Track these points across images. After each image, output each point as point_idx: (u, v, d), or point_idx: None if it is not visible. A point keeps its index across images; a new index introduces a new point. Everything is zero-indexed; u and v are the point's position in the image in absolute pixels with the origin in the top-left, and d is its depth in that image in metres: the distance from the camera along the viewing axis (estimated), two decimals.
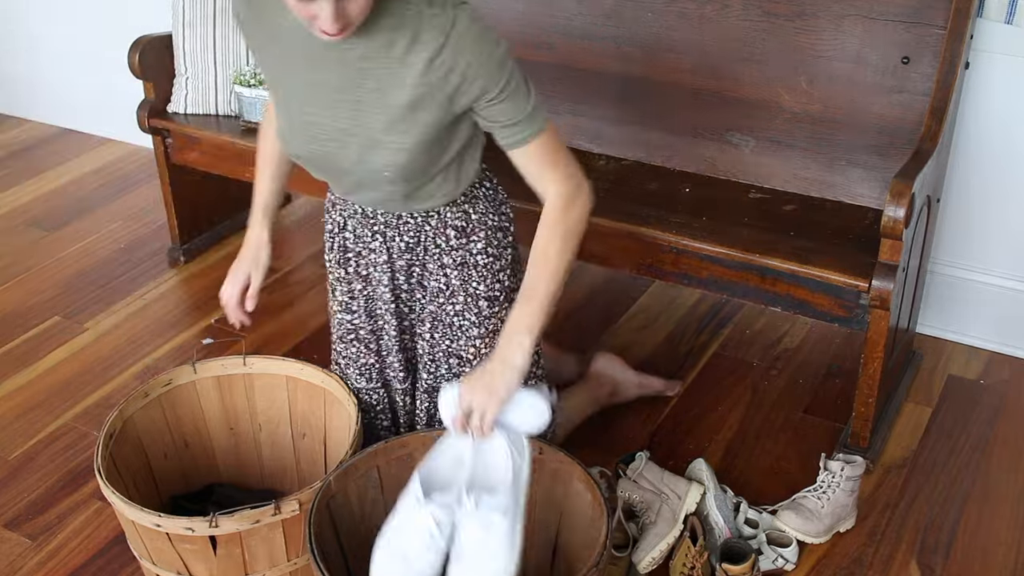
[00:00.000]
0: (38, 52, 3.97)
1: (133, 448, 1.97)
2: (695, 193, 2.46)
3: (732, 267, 2.21)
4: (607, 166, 2.60)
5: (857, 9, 2.31)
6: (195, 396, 2.07)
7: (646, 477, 2.09)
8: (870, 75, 2.33)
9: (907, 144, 2.31)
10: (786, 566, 2.01)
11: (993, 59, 2.37)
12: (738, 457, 2.31)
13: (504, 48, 1.58)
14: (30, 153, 3.85)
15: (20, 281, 3.02)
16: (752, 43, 2.44)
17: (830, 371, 2.58)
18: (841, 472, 2.05)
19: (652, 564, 1.98)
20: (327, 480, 1.75)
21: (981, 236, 2.56)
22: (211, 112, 2.89)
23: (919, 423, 2.40)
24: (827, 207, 2.40)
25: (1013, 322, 2.59)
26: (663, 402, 2.47)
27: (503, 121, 1.64)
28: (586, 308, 2.82)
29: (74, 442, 2.37)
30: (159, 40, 2.86)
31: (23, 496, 2.22)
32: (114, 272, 3.06)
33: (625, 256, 2.33)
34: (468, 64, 1.56)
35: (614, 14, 2.57)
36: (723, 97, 2.50)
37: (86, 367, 2.63)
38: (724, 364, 2.61)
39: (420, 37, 1.55)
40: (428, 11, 1.55)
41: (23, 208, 3.45)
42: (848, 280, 2.10)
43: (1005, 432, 2.37)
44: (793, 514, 2.04)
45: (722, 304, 2.84)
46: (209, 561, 1.74)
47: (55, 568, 2.04)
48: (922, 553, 2.05)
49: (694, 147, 2.55)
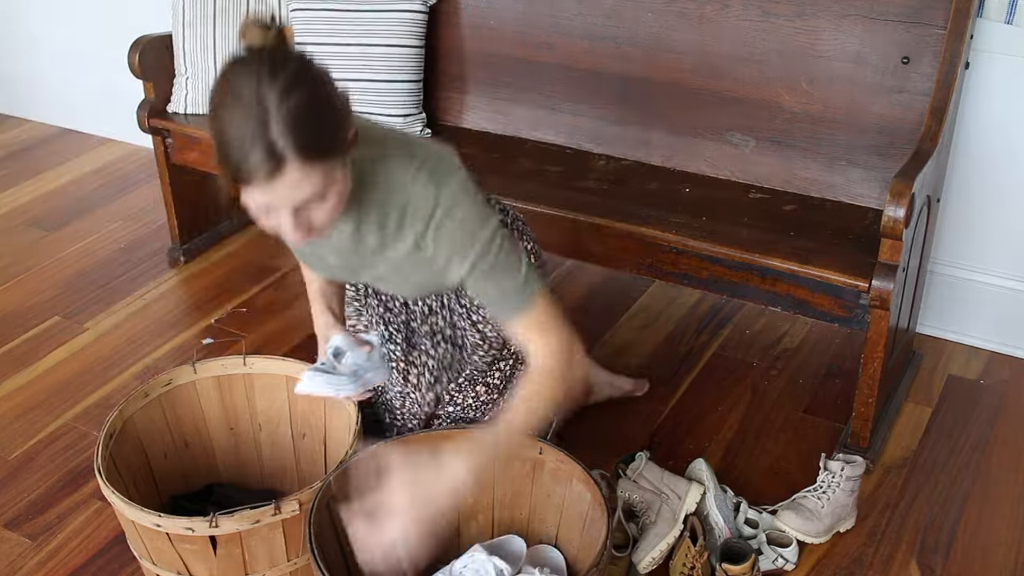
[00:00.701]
0: (38, 52, 3.97)
1: (133, 448, 1.97)
2: (695, 193, 2.46)
3: (732, 267, 2.21)
4: (607, 166, 2.60)
5: (857, 9, 2.31)
6: (195, 396, 2.07)
7: (646, 477, 2.09)
8: (870, 75, 2.33)
9: (907, 144, 2.31)
10: (786, 566, 2.01)
11: (993, 59, 2.37)
12: (738, 457, 2.31)
13: (490, 229, 1.56)
14: (30, 153, 3.85)
15: (20, 281, 3.02)
16: (752, 43, 2.44)
17: (830, 371, 2.58)
18: (841, 472, 2.05)
19: (652, 564, 1.98)
20: (327, 480, 1.75)
21: (981, 236, 2.56)
22: None
23: (919, 423, 2.40)
24: (827, 207, 2.40)
25: (1013, 322, 2.59)
26: (663, 402, 2.47)
27: (489, 295, 1.60)
28: (586, 308, 2.82)
29: (74, 442, 2.37)
30: (159, 40, 2.86)
31: (23, 496, 2.22)
32: (114, 272, 3.06)
33: (625, 256, 2.33)
34: (449, 254, 1.57)
35: (614, 14, 2.57)
36: (723, 97, 2.50)
37: (86, 367, 2.63)
38: (724, 364, 2.61)
39: (407, 212, 1.56)
40: (414, 179, 1.54)
41: (23, 208, 3.45)
42: (848, 280, 2.10)
43: (1005, 432, 2.37)
44: (793, 514, 2.04)
45: (722, 304, 2.84)
46: (209, 561, 1.74)
47: (55, 568, 2.04)
48: (922, 553, 2.05)
49: (694, 147, 2.55)
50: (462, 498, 1.53)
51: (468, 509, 1.93)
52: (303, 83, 1.34)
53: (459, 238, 1.55)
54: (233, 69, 1.35)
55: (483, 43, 2.76)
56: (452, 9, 2.76)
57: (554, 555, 1.87)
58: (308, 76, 1.36)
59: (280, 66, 1.33)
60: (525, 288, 1.59)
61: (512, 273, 1.58)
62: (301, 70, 1.35)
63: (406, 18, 2.69)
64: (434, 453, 1.51)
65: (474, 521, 1.94)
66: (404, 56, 2.70)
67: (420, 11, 2.70)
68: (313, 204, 1.41)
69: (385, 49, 2.69)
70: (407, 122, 2.73)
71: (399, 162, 1.55)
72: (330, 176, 1.39)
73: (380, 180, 1.55)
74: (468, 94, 2.81)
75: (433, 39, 2.79)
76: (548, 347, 1.59)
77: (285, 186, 1.35)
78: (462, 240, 1.56)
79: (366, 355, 1.83)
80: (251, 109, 1.31)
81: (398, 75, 2.71)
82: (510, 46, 2.72)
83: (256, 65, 1.33)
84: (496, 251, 1.57)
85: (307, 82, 1.35)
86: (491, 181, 2.48)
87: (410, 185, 1.54)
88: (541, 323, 1.59)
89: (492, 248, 1.57)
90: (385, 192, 1.56)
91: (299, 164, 1.33)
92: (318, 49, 2.73)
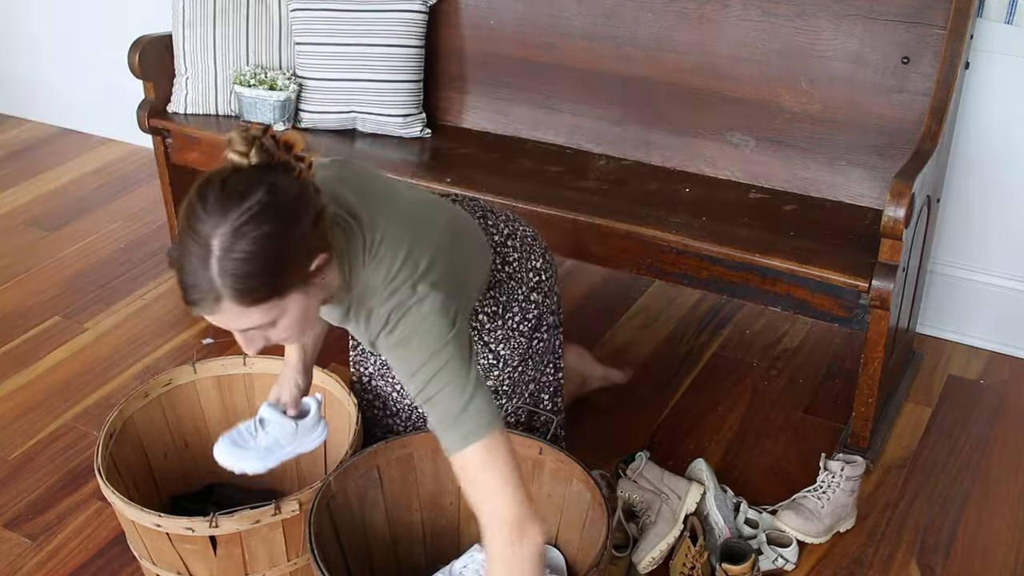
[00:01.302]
0: (38, 52, 3.97)
1: (133, 448, 1.97)
2: (695, 193, 2.46)
3: (732, 267, 2.21)
4: (607, 166, 2.60)
5: (857, 9, 2.31)
6: (195, 396, 2.07)
7: (646, 477, 2.09)
8: (870, 75, 2.33)
9: (907, 144, 2.31)
10: (786, 566, 2.01)
11: (993, 59, 2.37)
12: (738, 457, 2.31)
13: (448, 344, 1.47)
14: (30, 153, 3.85)
15: (20, 281, 3.02)
16: (752, 43, 2.44)
17: (830, 371, 2.58)
18: (841, 472, 2.05)
19: (652, 564, 1.98)
20: (327, 480, 1.75)
21: (981, 236, 2.56)
22: (211, 112, 2.89)
23: (919, 423, 2.40)
24: (827, 207, 2.40)
25: (1013, 322, 2.59)
26: (663, 402, 2.47)
27: (433, 419, 1.48)
28: (586, 308, 2.82)
29: (74, 442, 2.37)
30: (159, 40, 2.85)
31: (23, 496, 2.22)
32: (114, 272, 3.06)
33: (625, 256, 2.33)
34: (401, 357, 1.51)
35: (614, 14, 2.57)
36: (723, 97, 2.50)
37: (86, 367, 2.63)
38: (724, 364, 2.61)
39: (372, 317, 1.54)
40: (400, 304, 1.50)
41: (23, 208, 3.45)
42: (848, 280, 2.10)
43: (1005, 432, 2.37)
44: (793, 514, 2.04)
45: (722, 304, 2.84)
46: (209, 561, 1.74)
47: (55, 568, 2.04)
48: (922, 553, 2.05)
49: (694, 147, 2.55)
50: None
51: (468, 509, 1.93)
52: (253, 227, 1.32)
53: (411, 364, 1.49)
54: (199, 193, 1.36)
55: (483, 43, 2.76)
56: (452, 9, 2.76)
57: (554, 555, 1.88)
58: (264, 218, 1.33)
59: (235, 204, 1.33)
60: (473, 418, 1.44)
61: (456, 396, 1.45)
62: (257, 212, 1.33)
63: (406, 18, 2.69)
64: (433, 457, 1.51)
65: (474, 521, 1.93)
66: (404, 56, 2.70)
67: (420, 11, 2.70)
68: (262, 331, 1.43)
69: (385, 49, 2.69)
70: (407, 122, 2.73)
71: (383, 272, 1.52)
72: (277, 309, 1.39)
73: (356, 296, 1.54)
74: (468, 94, 2.81)
75: (433, 39, 2.79)
76: (498, 504, 1.44)
77: (227, 317, 1.38)
78: (419, 349, 1.49)
79: (292, 429, 1.82)
80: (198, 246, 1.33)
81: (398, 75, 2.71)
82: (510, 46, 2.72)
83: (215, 198, 1.33)
84: (445, 367, 1.47)
85: (260, 225, 1.33)
86: (491, 181, 2.48)
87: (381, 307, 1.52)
88: (489, 470, 1.43)
89: (438, 381, 1.47)
90: (371, 299, 1.54)
91: (234, 304, 1.35)
92: (318, 49, 2.73)
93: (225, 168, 1.38)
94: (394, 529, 1.89)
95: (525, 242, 1.92)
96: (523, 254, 1.90)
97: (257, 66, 2.82)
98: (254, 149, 1.36)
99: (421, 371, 1.47)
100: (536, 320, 1.94)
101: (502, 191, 2.42)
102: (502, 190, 2.42)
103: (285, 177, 1.37)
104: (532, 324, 1.92)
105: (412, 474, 1.87)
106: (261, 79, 2.75)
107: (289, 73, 2.79)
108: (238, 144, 1.37)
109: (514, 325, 1.90)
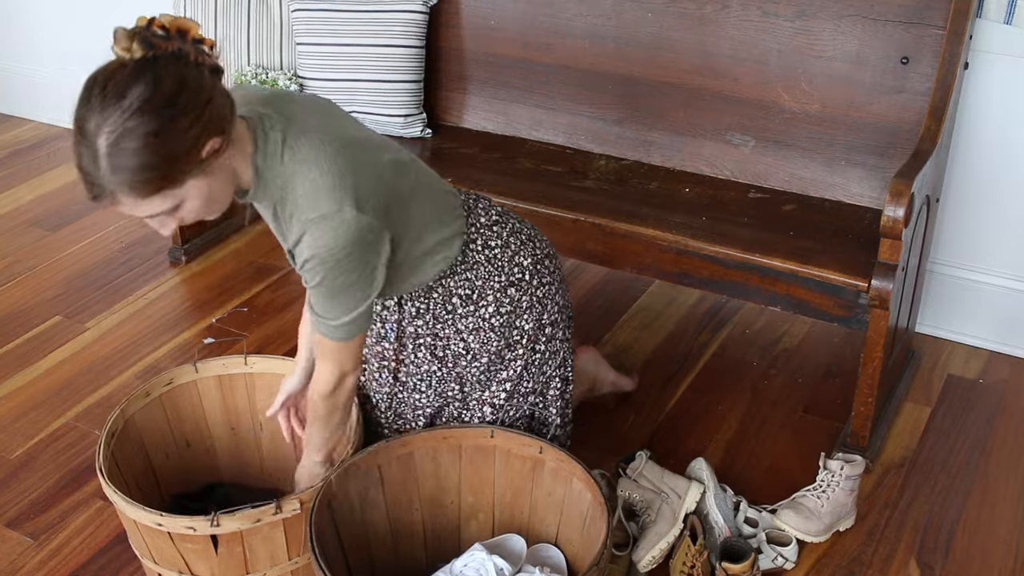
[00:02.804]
0: (38, 52, 3.97)
1: (134, 447, 1.97)
2: (695, 193, 2.46)
3: (732, 267, 2.22)
4: (607, 166, 2.60)
5: (857, 9, 2.31)
6: (196, 395, 2.07)
7: (646, 476, 2.09)
8: (870, 75, 2.34)
9: (906, 144, 2.31)
10: (786, 565, 2.01)
11: (992, 59, 2.37)
12: (738, 456, 2.31)
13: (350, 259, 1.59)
14: (31, 153, 3.85)
15: (21, 281, 3.03)
16: (752, 43, 2.44)
17: (829, 371, 2.59)
18: (840, 471, 2.06)
19: (652, 563, 1.98)
20: (328, 479, 1.75)
21: (980, 236, 2.56)
22: None
23: (918, 422, 2.41)
24: (827, 207, 2.40)
25: (1012, 322, 2.59)
26: (663, 402, 2.47)
27: (313, 299, 1.67)
28: (586, 308, 2.83)
29: (75, 441, 2.38)
30: None
31: (25, 495, 2.23)
32: (115, 272, 3.06)
33: (625, 256, 2.33)
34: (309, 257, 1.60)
35: (614, 14, 2.57)
36: (723, 97, 2.51)
37: (87, 367, 2.64)
38: (724, 364, 2.62)
39: (297, 210, 1.59)
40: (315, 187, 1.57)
41: (24, 208, 3.45)
42: (848, 280, 2.10)
43: (1004, 432, 2.38)
44: (793, 513, 2.05)
45: (722, 304, 2.84)
46: (210, 560, 1.75)
47: (56, 567, 2.05)
48: (922, 552, 2.06)
49: (694, 147, 2.56)
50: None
51: (468, 508, 1.94)
52: (135, 123, 1.38)
53: (321, 255, 1.59)
54: (85, 92, 1.42)
55: (483, 43, 2.76)
56: (452, 9, 2.77)
57: (554, 554, 1.88)
58: (145, 113, 1.39)
59: (115, 102, 1.38)
60: (343, 326, 1.66)
61: (346, 301, 1.64)
62: (138, 108, 1.38)
63: (406, 18, 2.69)
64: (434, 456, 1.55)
65: (474, 520, 1.95)
66: (404, 56, 2.71)
67: (420, 11, 2.70)
68: (168, 215, 1.50)
69: (385, 49, 2.70)
70: (408, 122, 2.74)
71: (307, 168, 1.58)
72: (175, 196, 1.47)
73: (286, 177, 1.59)
74: (468, 94, 2.82)
75: (433, 39, 2.79)
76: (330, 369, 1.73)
77: (127, 209, 1.45)
78: (321, 259, 1.59)
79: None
80: (86, 147, 1.41)
81: (398, 75, 2.71)
82: (510, 46, 2.72)
83: (98, 97, 1.39)
84: (343, 278, 1.61)
85: (142, 121, 1.38)
86: (491, 181, 2.49)
87: (311, 193, 1.58)
88: (336, 354, 1.71)
89: (340, 273, 1.60)
90: (284, 189, 1.60)
91: (130, 197, 1.43)
92: (319, 49, 2.74)
93: (110, 65, 1.42)
94: (395, 528, 1.89)
95: (517, 236, 1.90)
96: (510, 247, 1.88)
97: (258, 66, 2.82)
98: (135, 42, 1.40)
99: (322, 267, 1.59)
100: (537, 326, 1.92)
101: (502, 191, 2.42)
102: (502, 190, 2.43)
103: (173, 66, 1.42)
104: (504, 319, 1.89)
105: (413, 473, 1.88)
106: (262, 79, 2.75)
107: (290, 73, 2.80)
108: (121, 40, 1.41)
109: (486, 316, 1.87)
